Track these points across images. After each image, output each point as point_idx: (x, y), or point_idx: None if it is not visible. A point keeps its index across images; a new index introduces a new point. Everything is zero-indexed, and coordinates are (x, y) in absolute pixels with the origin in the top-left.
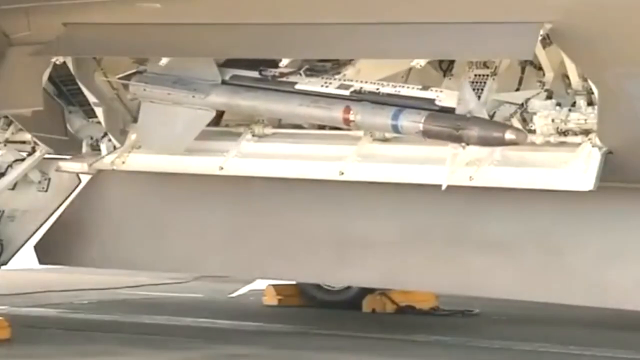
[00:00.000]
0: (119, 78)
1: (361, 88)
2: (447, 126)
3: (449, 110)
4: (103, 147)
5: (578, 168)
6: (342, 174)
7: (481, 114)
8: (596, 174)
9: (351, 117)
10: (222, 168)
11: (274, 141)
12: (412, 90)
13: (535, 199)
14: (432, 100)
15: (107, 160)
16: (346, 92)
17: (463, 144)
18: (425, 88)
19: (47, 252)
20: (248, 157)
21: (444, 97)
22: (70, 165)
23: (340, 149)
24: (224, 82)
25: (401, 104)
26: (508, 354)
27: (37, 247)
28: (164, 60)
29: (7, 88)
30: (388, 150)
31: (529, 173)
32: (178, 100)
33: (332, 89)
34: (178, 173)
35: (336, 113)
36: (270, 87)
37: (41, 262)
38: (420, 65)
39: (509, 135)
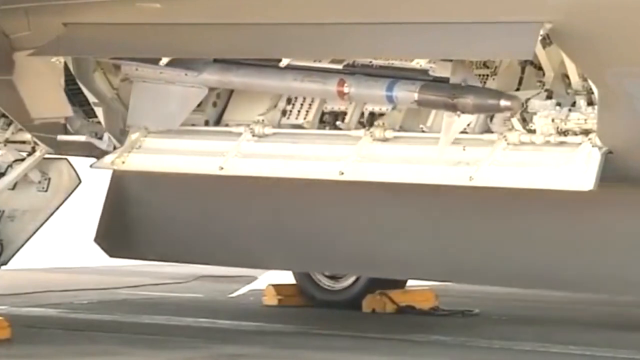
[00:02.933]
0: (111, 59)
1: (354, 61)
2: (442, 95)
3: (443, 81)
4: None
5: (578, 168)
6: (342, 174)
7: (475, 83)
8: (596, 174)
9: (345, 89)
10: (222, 168)
11: (274, 141)
12: (405, 62)
13: (535, 199)
14: (425, 71)
15: (107, 160)
16: (339, 66)
17: (458, 112)
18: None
19: (114, 246)
20: (248, 157)
21: (438, 67)
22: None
23: (340, 149)
24: (215, 60)
25: (395, 75)
26: (508, 354)
27: (99, 241)
28: (164, 60)
29: (32, 97)
30: (388, 150)
31: (529, 173)
32: (170, 79)
33: (325, 63)
34: (178, 173)
35: (330, 86)
36: (263, 64)
37: (111, 255)
38: (421, 66)
39: (504, 102)
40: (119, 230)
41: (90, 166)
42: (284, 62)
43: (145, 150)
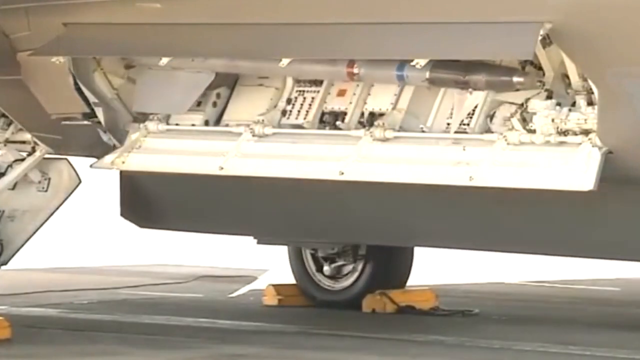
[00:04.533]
0: None
1: None
2: (453, 72)
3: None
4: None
5: (578, 168)
6: (342, 174)
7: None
8: (596, 174)
9: (355, 70)
10: (222, 168)
11: (274, 141)
12: None
13: (535, 198)
14: None
15: (107, 160)
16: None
17: (470, 89)
18: None
19: (140, 218)
20: (248, 157)
21: None
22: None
23: (340, 149)
24: None
25: None
26: (508, 354)
27: (125, 215)
28: (164, 60)
29: (46, 95)
30: (388, 150)
31: (529, 173)
32: (177, 64)
33: None
34: (178, 173)
35: (340, 67)
36: None
37: (140, 226)
38: (421, 66)
39: (517, 79)
40: (142, 203)
41: (90, 166)
42: (284, 62)
43: (145, 150)
